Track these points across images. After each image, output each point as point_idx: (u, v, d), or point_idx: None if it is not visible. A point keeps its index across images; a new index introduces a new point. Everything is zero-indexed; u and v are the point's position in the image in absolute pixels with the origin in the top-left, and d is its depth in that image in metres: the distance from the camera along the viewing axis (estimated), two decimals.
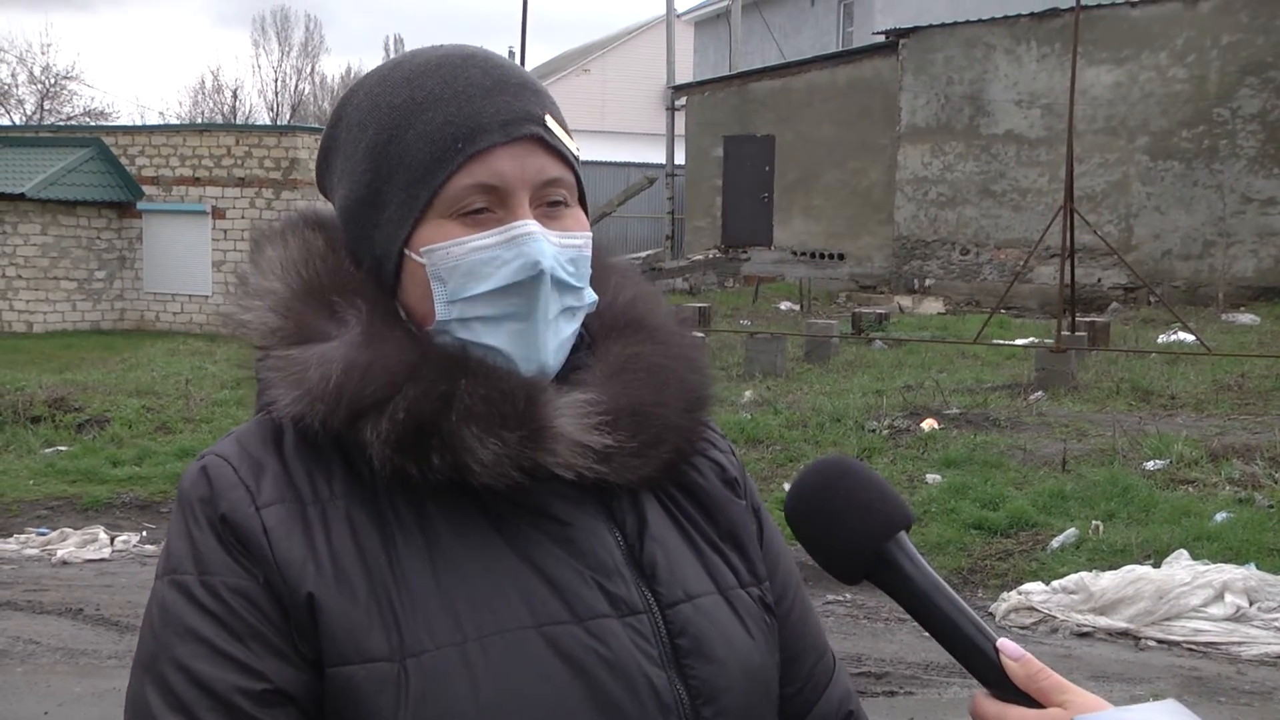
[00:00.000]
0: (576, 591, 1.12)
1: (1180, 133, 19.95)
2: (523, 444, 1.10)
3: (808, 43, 29.60)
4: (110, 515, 9.05)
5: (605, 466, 1.14)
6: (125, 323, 23.45)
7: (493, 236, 1.13)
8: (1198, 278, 19.79)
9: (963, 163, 22.03)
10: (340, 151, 1.22)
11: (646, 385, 1.20)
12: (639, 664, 1.11)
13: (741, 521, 1.28)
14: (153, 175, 23.22)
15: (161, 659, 1.07)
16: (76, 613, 6.83)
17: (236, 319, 1.18)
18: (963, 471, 8.69)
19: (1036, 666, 1.03)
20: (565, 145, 1.18)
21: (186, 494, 1.12)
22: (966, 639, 1.05)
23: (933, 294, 21.73)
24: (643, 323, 1.27)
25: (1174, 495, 7.98)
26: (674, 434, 1.20)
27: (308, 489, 1.11)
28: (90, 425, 11.40)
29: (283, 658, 1.07)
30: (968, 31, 21.99)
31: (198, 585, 1.08)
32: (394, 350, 1.11)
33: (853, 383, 12.43)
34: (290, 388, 1.11)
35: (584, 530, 1.15)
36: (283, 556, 1.08)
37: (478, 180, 1.13)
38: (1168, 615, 6.21)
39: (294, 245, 1.20)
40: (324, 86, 57.22)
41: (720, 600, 1.20)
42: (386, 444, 1.09)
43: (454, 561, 1.10)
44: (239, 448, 1.14)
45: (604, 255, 1.29)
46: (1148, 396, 11.36)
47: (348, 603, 1.07)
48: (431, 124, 1.14)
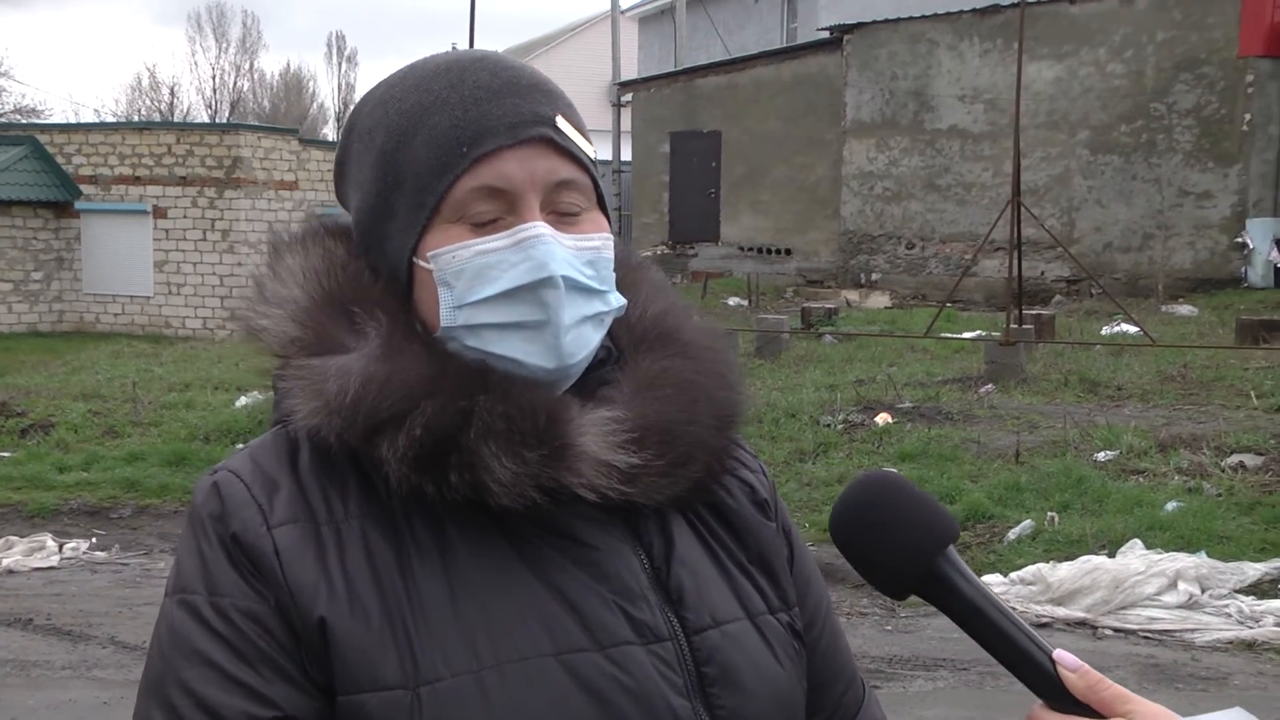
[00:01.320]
0: (599, 617, 1.08)
1: (1119, 127, 20.23)
2: (543, 463, 1.06)
3: (752, 39, 29.70)
4: (58, 522, 8.89)
5: (631, 487, 1.10)
6: (64, 325, 23.08)
7: (500, 239, 1.09)
8: (1137, 270, 20.09)
9: (908, 158, 22.21)
10: (353, 160, 1.19)
11: (676, 401, 1.16)
12: (663, 693, 1.08)
13: (772, 545, 1.24)
14: (91, 174, 22.86)
15: (168, 681, 1.04)
16: (26, 623, 6.70)
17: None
18: (919, 465, 8.75)
19: (1096, 677, 1.01)
20: (578, 147, 1.15)
21: (198, 510, 1.09)
22: (1021, 651, 1.04)
23: (879, 288, 21.89)
24: (674, 336, 1.22)
25: (1126, 486, 8.09)
26: (704, 452, 1.16)
27: (322, 508, 1.08)
28: (34, 430, 11.17)
29: (293, 684, 1.03)
30: (911, 27, 22.16)
31: (207, 606, 1.05)
32: (412, 364, 1.08)
33: (805, 378, 12.49)
34: (308, 399, 1.08)
35: (608, 553, 1.11)
36: (294, 579, 1.04)
37: (483, 183, 1.10)
38: (1123, 604, 6.31)
39: (315, 254, 1.17)
40: (263, 84, 56.63)
41: (749, 626, 1.16)
42: (403, 461, 1.05)
43: (472, 585, 1.07)
44: (253, 463, 1.11)
45: (634, 265, 1.26)
46: (1095, 388, 11.51)
47: (361, 628, 1.03)
48: (438, 128, 1.11)
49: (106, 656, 6.08)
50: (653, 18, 35.56)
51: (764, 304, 20.47)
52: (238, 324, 1.18)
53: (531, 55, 42.50)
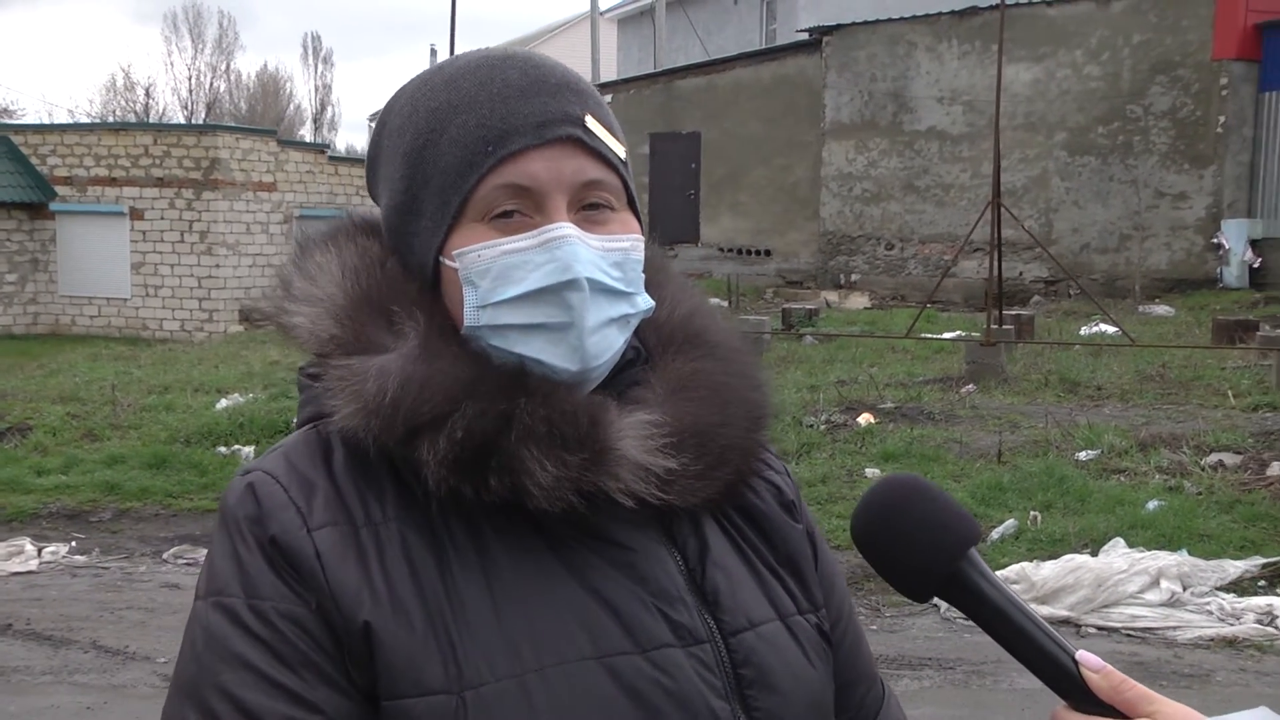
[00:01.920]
0: (639, 620, 1.08)
1: (1096, 129, 20.35)
2: (584, 467, 1.06)
3: (731, 40, 29.75)
4: (37, 526, 8.81)
5: (668, 491, 1.09)
6: (39, 327, 22.92)
7: (526, 240, 1.08)
8: (1115, 270, 20.20)
9: (887, 159, 22.29)
10: (384, 158, 1.18)
11: (709, 404, 1.16)
12: (703, 696, 1.08)
13: (799, 546, 1.25)
14: (66, 175, 22.70)
15: (205, 685, 1.02)
16: (5, 628, 6.64)
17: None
18: (902, 465, 8.77)
19: (1119, 678, 1.01)
20: (608, 147, 1.13)
21: (232, 511, 1.07)
22: (1045, 653, 1.04)
23: (859, 289, 21.96)
24: (703, 338, 1.22)
25: (1107, 485, 8.14)
26: (736, 455, 1.16)
27: (360, 510, 1.07)
28: (11, 433, 11.08)
29: (336, 687, 1.02)
30: (890, 29, 22.25)
31: (245, 609, 1.03)
32: (451, 365, 1.07)
33: (787, 378, 12.50)
34: (349, 400, 1.07)
35: (645, 555, 1.11)
36: (337, 583, 1.03)
37: (509, 182, 1.09)
38: (1106, 603, 6.34)
39: (350, 252, 1.16)
40: (240, 84, 56.39)
41: (782, 628, 1.17)
42: (443, 464, 1.04)
43: (512, 588, 1.06)
44: (288, 464, 1.09)
45: (661, 266, 1.25)
46: (1075, 388, 11.57)
47: (405, 632, 1.03)
48: (465, 127, 1.10)
49: (88, 661, 6.03)
50: (632, 19, 35.59)
51: (744, 305, 20.49)
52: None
53: None
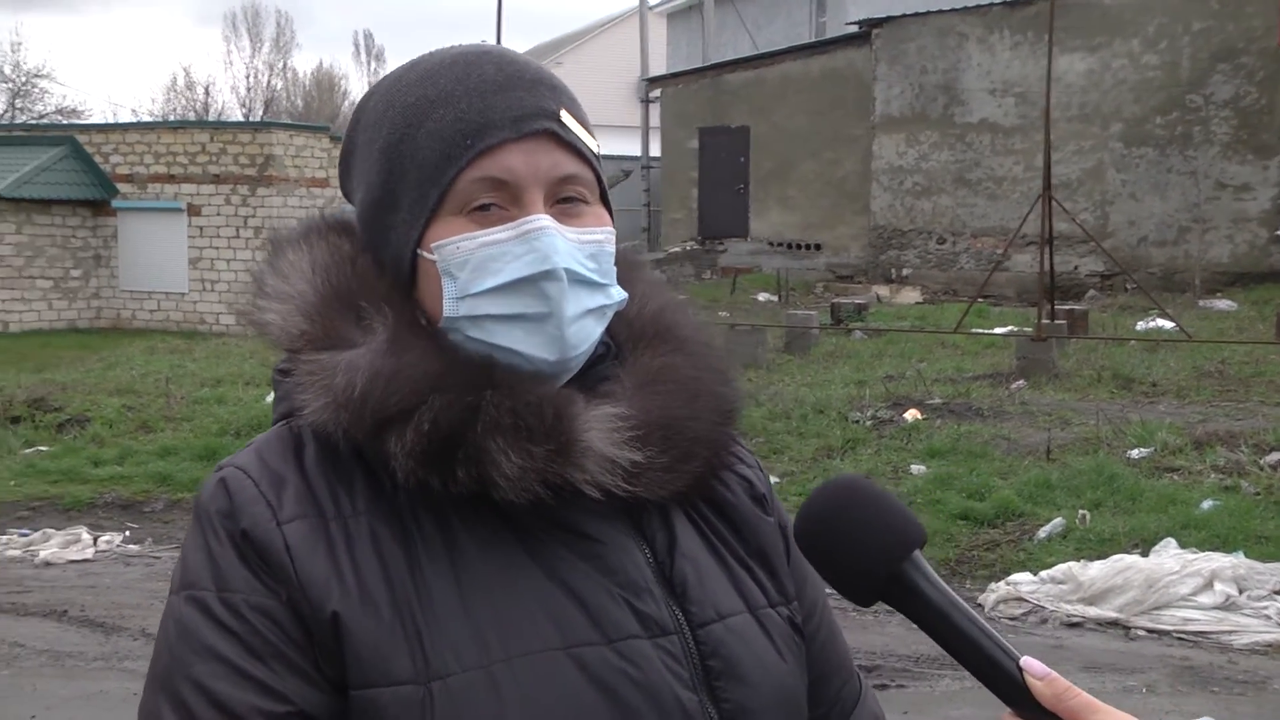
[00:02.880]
0: (606, 611, 1.09)
1: (1154, 119, 20.05)
2: (550, 458, 1.07)
3: (780, 33, 29.59)
4: (93, 515, 8.98)
5: (635, 483, 1.10)
6: (102, 321, 23.28)
7: (504, 231, 1.10)
8: (1173, 264, 19.91)
9: (937, 152, 22.09)
10: (358, 154, 1.19)
11: (678, 398, 1.16)
12: (670, 687, 1.08)
13: (770, 539, 1.25)
14: (127, 173, 23.04)
15: (178, 677, 1.04)
16: (61, 614, 6.77)
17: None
18: (948, 462, 8.70)
19: (1063, 685, 0.98)
20: (583, 142, 1.15)
21: (205, 507, 1.09)
22: (988, 658, 1.01)
23: (910, 283, 21.79)
24: (672, 333, 1.24)
25: (1160, 483, 8.01)
26: (705, 448, 1.17)
27: (330, 504, 1.08)
28: (70, 425, 11.30)
29: (305, 678, 1.04)
30: (940, 20, 22.04)
31: (217, 602, 1.05)
32: (419, 359, 1.08)
33: (834, 373, 12.44)
34: (318, 394, 1.08)
35: (613, 547, 1.12)
36: (306, 574, 1.04)
37: (487, 175, 1.10)
38: (1157, 604, 6.23)
39: (321, 250, 1.17)
40: (296, 83, 56.91)
41: (751, 620, 1.17)
42: (411, 456, 1.06)
43: (480, 579, 1.07)
44: (259, 460, 1.11)
45: (631, 262, 1.27)
46: (1129, 384, 11.41)
47: (372, 623, 1.04)
48: (442, 121, 1.11)
49: (138, 648, 6.14)
50: (681, 13, 35.51)
51: (794, 299, 20.42)
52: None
53: (560, 52, 42.55)
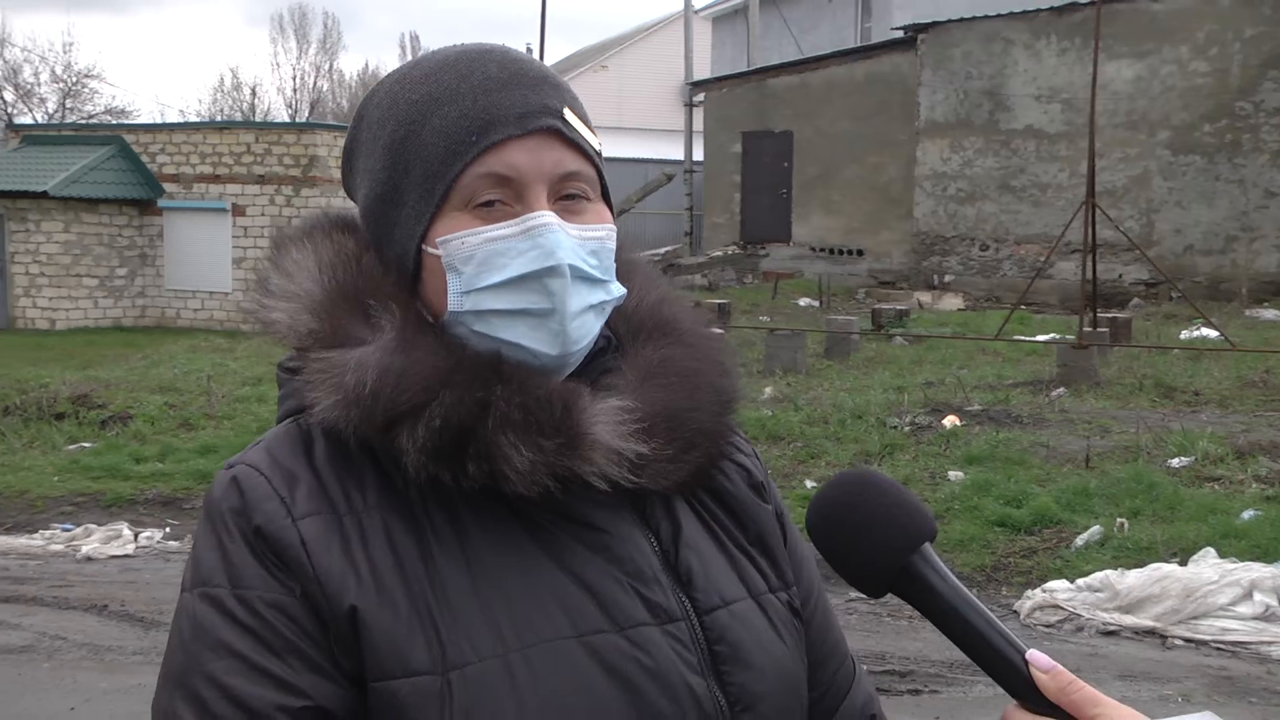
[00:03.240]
0: (616, 600, 1.10)
1: (1202, 127, 19.83)
2: (559, 452, 1.09)
3: (825, 38, 29.51)
4: (134, 511, 9.09)
5: (640, 475, 1.12)
6: (146, 319, 23.56)
7: (509, 227, 1.11)
8: (1220, 273, 19.68)
9: (982, 158, 21.95)
10: (362, 151, 1.21)
11: (679, 389, 1.18)
12: (680, 672, 1.10)
13: (769, 526, 1.28)
14: (173, 173, 23.32)
15: (194, 674, 1.04)
16: (101, 609, 6.86)
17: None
18: (985, 468, 8.65)
19: (1068, 678, 1.01)
20: (585, 139, 1.16)
21: (217, 504, 1.10)
22: (995, 651, 1.03)
23: (952, 290, 21.66)
24: (671, 325, 1.25)
25: (1200, 492, 7.93)
26: (705, 438, 1.19)
27: (342, 500, 1.09)
28: (113, 422, 11.46)
29: (322, 673, 1.04)
30: (986, 26, 21.90)
31: (231, 599, 1.05)
32: (428, 355, 1.09)
33: (873, 379, 12.40)
34: (329, 392, 1.09)
35: (620, 537, 1.14)
36: (323, 569, 1.05)
37: (492, 171, 1.11)
38: (1195, 614, 6.17)
39: (326, 247, 1.18)
40: (342, 84, 57.38)
41: (753, 605, 1.19)
42: (422, 451, 1.07)
43: (492, 571, 1.09)
44: (270, 457, 1.12)
45: (630, 257, 1.28)
46: (1171, 393, 11.30)
47: (389, 616, 1.05)
48: (447, 118, 1.13)
49: None
50: (725, 17, 35.49)
51: (835, 305, 20.35)
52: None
53: (605, 56, 42.62)
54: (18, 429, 11.41)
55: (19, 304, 22.80)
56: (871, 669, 5.76)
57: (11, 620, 6.66)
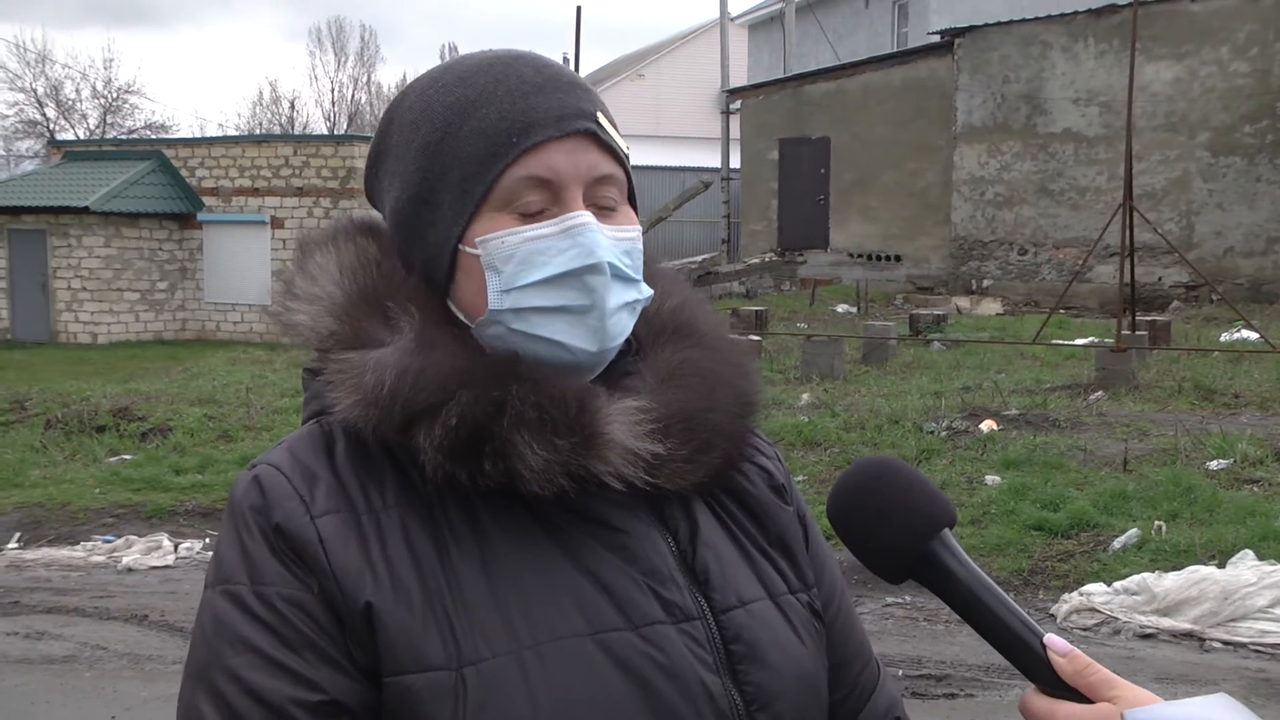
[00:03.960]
0: (631, 598, 1.11)
1: (1243, 128, 19.63)
2: (574, 451, 1.10)
3: (862, 44, 29.45)
4: (174, 523, 9.18)
5: (656, 475, 1.14)
6: (187, 333, 23.82)
7: (549, 226, 1.13)
8: (1261, 275, 19.45)
9: (1020, 162, 21.82)
10: (391, 154, 1.22)
11: (697, 391, 1.20)
12: (695, 670, 1.11)
13: (790, 528, 1.28)
14: (212, 186, 23.58)
15: (214, 669, 1.07)
16: (142, 619, 6.94)
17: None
18: (1022, 472, 8.59)
19: (1085, 662, 1.02)
20: (617, 143, 1.18)
21: (238, 503, 1.12)
22: (1014, 635, 1.05)
23: (991, 295, 21.53)
24: (691, 328, 1.27)
25: (1239, 495, 7.84)
26: (724, 440, 1.20)
27: (361, 499, 1.11)
28: (154, 434, 11.57)
29: (338, 668, 1.06)
30: (1024, 30, 21.78)
31: (251, 595, 1.07)
32: (446, 356, 1.11)
33: (910, 384, 12.34)
34: (349, 392, 1.11)
35: (637, 536, 1.15)
36: (339, 566, 1.07)
37: (531, 173, 1.13)
38: (1233, 616, 6.11)
39: (348, 251, 1.20)
40: (380, 96, 57.74)
41: (771, 606, 1.20)
42: (439, 450, 1.08)
43: (508, 569, 1.10)
44: (291, 457, 1.14)
45: (652, 260, 1.29)
46: (1211, 395, 11.17)
47: (405, 611, 1.06)
48: (486, 120, 1.14)
49: None
50: (762, 25, 35.49)
51: (873, 311, 20.27)
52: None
53: (642, 64, 42.70)
54: (60, 442, 11.56)
55: (61, 318, 23.11)
56: (908, 673, 5.73)
57: (54, 631, 6.74)
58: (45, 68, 53.58)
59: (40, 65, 48.91)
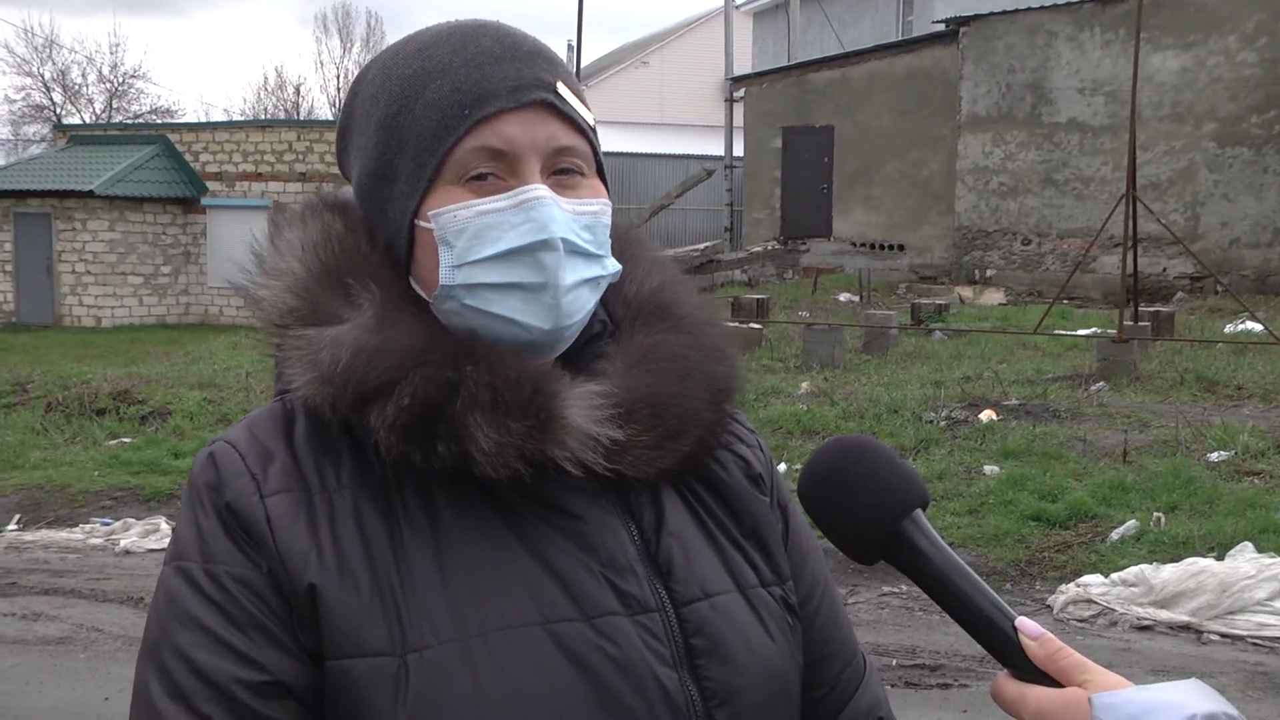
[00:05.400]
0: (585, 588, 1.09)
1: (1250, 118, 19.54)
2: (529, 434, 1.07)
3: (867, 32, 29.37)
4: (172, 506, 9.17)
5: (616, 461, 1.11)
6: (190, 317, 23.84)
7: (501, 200, 1.10)
8: (1267, 266, 19.39)
9: (1024, 152, 21.75)
10: (356, 129, 1.20)
11: (668, 375, 1.17)
12: (648, 664, 1.08)
13: (765, 518, 1.24)
14: (216, 171, 23.58)
15: (163, 646, 1.06)
16: (138, 601, 6.95)
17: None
18: (1021, 463, 8.57)
19: (1055, 645, 1.00)
20: (579, 113, 1.15)
21: (195, 480, 1.11)
22: (985, 618, 1.03)
23: (994, 285, 21.48)
24: (669, 310, 1.23)
25: (1239, 487, 7.82)
26: (697, 426, 1.17)
27: (315, 478, 1.10)
28: (153, 417, 11.58)
29: (283, 649, 1.05)
30: (1029, 19, 21.69)
31: (201, 573, 1.06)
32: (403, 334, 1.09)
33: (911, 374, 12.31)
34: (306, 369, 1.10)
35: (596, 525, 1.12)
36: (285, 546, 1.06)
37: (485, 144, 1.10)
38: (1231, 609, 6.09)
39: (314, 228, 1.18)
40: None
41: (740, 599, 1.17)
42: (392, 430, 1.07)
43: (460, 555, 1.08)
44: (249, 435, 1.13)
45: (633, 240, 1.27)
46: (1213, 387, 11.14)
47: (350, 594, 1.05)
48: (440, 92, 1.12)
49: None
50: (767, 12, 35.38)
51: (876, 300, 20.24)
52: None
53: (646, 52, 42.61)
54: (60, 425, 11.57)
55: (66, 302, 23.13)
56: (902, 663, 5.72)
57: (50, 612, 6.76)
58: (52, 53, 53.57)
59: (48, 50, 48.88)
